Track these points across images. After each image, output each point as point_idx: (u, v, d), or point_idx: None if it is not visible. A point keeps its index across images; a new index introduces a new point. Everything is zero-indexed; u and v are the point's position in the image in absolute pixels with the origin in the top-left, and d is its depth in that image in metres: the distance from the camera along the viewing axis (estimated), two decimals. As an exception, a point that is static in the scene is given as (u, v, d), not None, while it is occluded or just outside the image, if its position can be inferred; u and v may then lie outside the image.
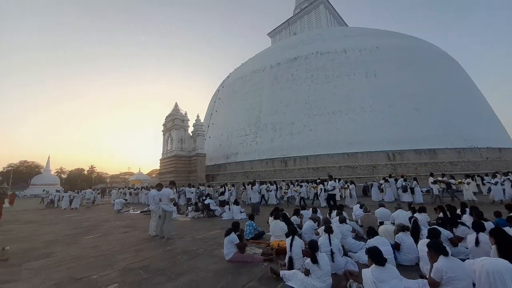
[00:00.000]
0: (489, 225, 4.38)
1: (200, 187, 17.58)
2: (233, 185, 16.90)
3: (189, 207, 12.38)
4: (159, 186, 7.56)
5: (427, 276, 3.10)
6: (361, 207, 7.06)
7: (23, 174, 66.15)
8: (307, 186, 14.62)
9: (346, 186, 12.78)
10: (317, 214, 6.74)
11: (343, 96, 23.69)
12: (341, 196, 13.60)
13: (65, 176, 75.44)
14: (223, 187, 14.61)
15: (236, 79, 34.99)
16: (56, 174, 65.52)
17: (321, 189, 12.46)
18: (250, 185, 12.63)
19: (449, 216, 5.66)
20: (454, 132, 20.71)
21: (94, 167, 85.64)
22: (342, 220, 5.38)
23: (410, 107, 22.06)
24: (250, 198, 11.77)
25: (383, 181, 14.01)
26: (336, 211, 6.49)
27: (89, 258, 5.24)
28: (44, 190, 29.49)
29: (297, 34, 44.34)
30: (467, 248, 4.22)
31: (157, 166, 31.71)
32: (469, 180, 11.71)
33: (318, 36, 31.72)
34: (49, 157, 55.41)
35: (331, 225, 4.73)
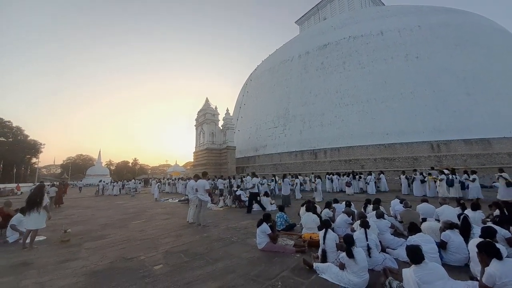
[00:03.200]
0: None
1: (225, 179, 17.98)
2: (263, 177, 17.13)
3: (220, 198, 12.98)
4: (196, 177, 8.03)
5: (478, 279, 2.83)
6: (401, 202, 6.61)
7: (79, 166, 75.77)
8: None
9: (314, 181, 13.01)
10: (351, 207, 6.50)
11: (379, 83, 21.94)
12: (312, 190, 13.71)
13: (113, 168, 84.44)
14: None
15: (264, 71, 34.72)
16: (106, 165, 73.53)
17: (296, 183, 13.64)
18: (248, 176, 14.50)
19: (506, 213, 5.02)
20: (513, 118, 17.80)
21: (137, 160, 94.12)
22: (380, 215, 5.12)
23: (459, 91, 19.53)
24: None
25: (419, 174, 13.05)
26: (372, 205, 6.19)
27: (137, 241, 5.87)
28: (81, 181, 33.67)
29: (327, 19, 41.89)
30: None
31: (191, 158, 33.56)
32: (443, 176, 10.97)
33: (351, 18, 29.52)
34: (100, 151, 62.36)
35: (368, 219, 4.54)
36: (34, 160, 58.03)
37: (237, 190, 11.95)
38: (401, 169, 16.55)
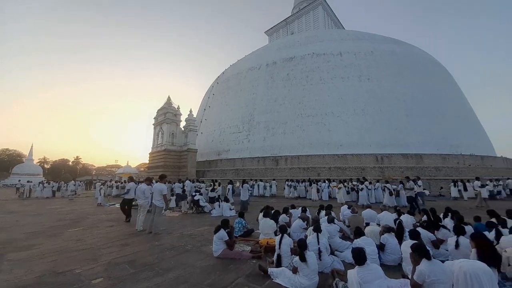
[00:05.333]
0: (469, 229, 4.56)
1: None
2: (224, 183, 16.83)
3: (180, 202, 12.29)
4: (148, 180, 7.41)
5: (409, 277, 3.19)
6: (349, 208, 7.21)
7: (4, 163, 63.37)
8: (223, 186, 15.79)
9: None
10: (307, 213, 6.82)
11: (337, 98, 24.01)
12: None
13: (48, 167, 72.83)
14: (212, 184, 14.64)
15: (231, 75, 34.75)
16: (39, 164, 63.18)
17: (228, 189, 14.08)
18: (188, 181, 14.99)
19: (432, 219, 5.86)
20: (440, 138, 21.45)
21: (80, 158, 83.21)
22: (331, 220, 5.48)
23: (400, 112, 22.64)
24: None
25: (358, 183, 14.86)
26: (325, 211, 6.59)
27: (73, 252, 5.11)
28: (19, 181, 28.73)
29: (294, 33, 44.44)
30: (447, 250, 4.37)
31: (146, 159, 31.14)
32: (341, 185, 13.68)
33: (315, 37, 31.92)
34: (32, 146, 53.28)
35: (320, 224, 4.81)
36: None
37: (195, 195, 11.47)
38: (351, 178, 18.20)
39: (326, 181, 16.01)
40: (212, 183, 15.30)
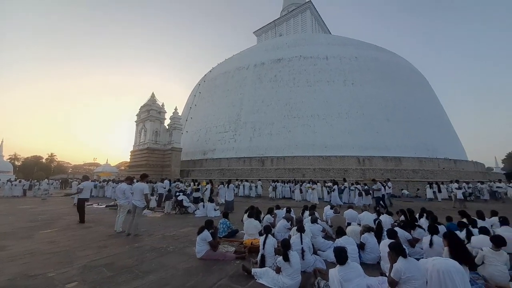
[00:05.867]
0: (442, 228, 4.83)
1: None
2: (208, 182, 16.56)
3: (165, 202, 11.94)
4: (128, 180, 7.14)
5: (387, 274, 3.32)
6: (331, 208, 7.39)
7: (-33, 159, 58.18)
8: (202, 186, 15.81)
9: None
10: (291, 213, 6.90)
11: (322, 101, 24.54)
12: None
13: (19, 164, 67.97)
14: (195, 183, 14.35)
15: (219, 74, 34.42)
16: (9, 160, 58.84)
17: (206, 188, 14.19)
18: (166, 180, 14.19)
19: (408, 219, 6.15)
20: (418, 142, 22.60)
21: (55, 155, 78.15)
22: (314, 220, 5.58)
23: (381, 117, 23.59)
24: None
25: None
26: (308, 211, 6.70)
27: (46, 254, 4.81)
28: None
29: (282, 35, 44.90)
30: (422, 249, 4.58)
31: (127, 158, 29.98)
32: (314, 186, 14.80)
33: (303, 40, 32.46)
34: (2, 142, 49.46)
35: (304, 224, 4.88)
36: None
37: (179, 195, 11.21)
38: (335, 179, 18.68)
39: (310, 182, 16.30)
40: (192, 183, 15.01)
